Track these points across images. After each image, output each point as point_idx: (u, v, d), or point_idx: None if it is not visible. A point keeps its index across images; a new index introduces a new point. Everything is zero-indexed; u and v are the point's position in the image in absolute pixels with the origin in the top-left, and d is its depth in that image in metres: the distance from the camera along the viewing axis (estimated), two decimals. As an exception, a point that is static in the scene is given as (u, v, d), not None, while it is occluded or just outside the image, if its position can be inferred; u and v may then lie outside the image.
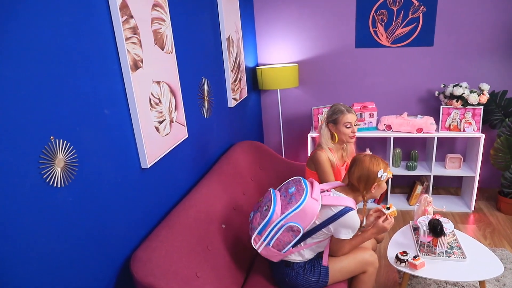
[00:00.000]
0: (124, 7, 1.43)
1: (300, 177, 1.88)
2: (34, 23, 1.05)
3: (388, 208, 1.94)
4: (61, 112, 1.16)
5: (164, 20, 1.78)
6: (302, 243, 1.82)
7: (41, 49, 1.08)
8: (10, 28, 0.98)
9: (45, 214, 1.10)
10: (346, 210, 1.73)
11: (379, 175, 1.78)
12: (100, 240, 1.35)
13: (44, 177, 1.08)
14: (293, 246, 1.78)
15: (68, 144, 1.17)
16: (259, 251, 1.79)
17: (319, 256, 1.89)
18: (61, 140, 1.14)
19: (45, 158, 1.08)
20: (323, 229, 1.77)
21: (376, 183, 1.80)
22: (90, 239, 1.29)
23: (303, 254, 1.85)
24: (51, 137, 1.11)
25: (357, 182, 1.81)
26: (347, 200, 1.78)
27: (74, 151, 1.19)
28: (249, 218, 1.88)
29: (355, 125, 2.24)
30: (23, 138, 1.01)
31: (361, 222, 1.90)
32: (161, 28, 1.75)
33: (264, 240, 1.75)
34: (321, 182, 2.22)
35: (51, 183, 1.10)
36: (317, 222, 1.77)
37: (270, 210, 1.73)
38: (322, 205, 1.75)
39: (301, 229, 1.72)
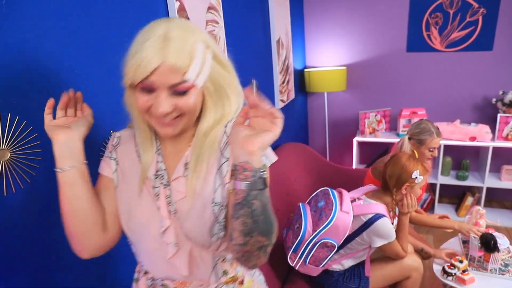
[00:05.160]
0: (181, 9, 1.49)
1: (328, 188, 1.83)
2: (103, 25, 1.13)
3: (461, 262, 1.85)
4: (120, 108, 1.23)
5: (217, 22, 1.83)
6: (338, 255, 1.78)
7: (107, 50, 1.15)
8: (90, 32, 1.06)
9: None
10: (376, 218, 1.66)
11: (413, 176, 1.69)
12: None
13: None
14: (330, 260, 1.75)
15: (126, 139, 1.24)
16: (296, 268, 1.76)
17: (360, 263, 1.86)
18: (120, 135, 1.21)
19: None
20: (356, 239, 1.72)
21: (408, 184, 1.72)
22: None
23: (343, 264, 1.82)
24: (111, 132, 1.18)
25: (389, 178, 1.75)
26: (377, 207, 1.72)
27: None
28: (283, 235, 1.87)
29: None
30: (91, 132, 1.09)
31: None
32: (214, 30, 1.80)
33: (300, 257, 1.72)
34: None
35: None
36: (349, 233, 1.71)
37: (302, 228, 1.69)
38: (353, 216, 1.70)
39: (335, 244, 1.67)
